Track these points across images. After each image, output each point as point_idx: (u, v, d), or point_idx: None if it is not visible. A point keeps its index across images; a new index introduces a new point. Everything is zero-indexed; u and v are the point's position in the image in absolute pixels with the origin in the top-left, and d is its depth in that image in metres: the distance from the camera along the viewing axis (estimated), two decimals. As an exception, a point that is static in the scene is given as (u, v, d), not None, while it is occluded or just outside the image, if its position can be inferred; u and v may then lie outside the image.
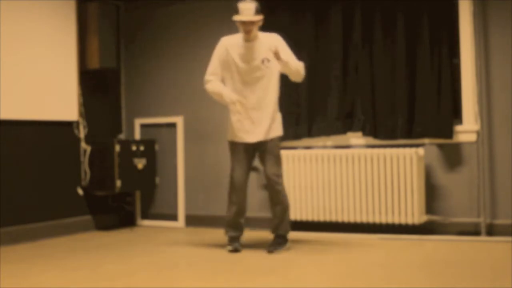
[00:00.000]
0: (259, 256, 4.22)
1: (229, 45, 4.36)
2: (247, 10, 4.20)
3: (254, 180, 5.46)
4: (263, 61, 4.28)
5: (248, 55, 4.30)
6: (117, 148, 5.49)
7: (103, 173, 5.54)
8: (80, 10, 5.59)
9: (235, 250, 4.40)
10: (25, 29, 5.12)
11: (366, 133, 5.02)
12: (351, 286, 3.33)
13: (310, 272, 3.71)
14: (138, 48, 6.08)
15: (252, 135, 4.33)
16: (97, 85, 5.87)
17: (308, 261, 3.99)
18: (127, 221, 5.99)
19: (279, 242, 4.41)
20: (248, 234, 5.17)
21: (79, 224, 5.57)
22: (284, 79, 4.44)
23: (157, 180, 5.93)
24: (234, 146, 4.40)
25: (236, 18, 4.22)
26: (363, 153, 4.87)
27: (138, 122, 6.07)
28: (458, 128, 4.74)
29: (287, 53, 4.30)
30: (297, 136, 5.23)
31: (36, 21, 5.22)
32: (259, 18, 4.24)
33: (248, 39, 4.29)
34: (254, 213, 5.41)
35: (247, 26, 4.23)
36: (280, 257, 4.18)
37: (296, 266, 3.87)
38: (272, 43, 4.24)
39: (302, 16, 5.21)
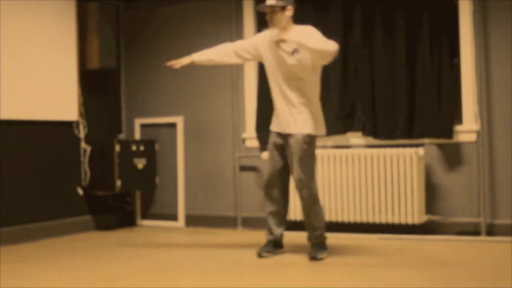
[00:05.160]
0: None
1: (263, 38, 4.06)
2: None
3: (254, 180, 5.46)
4: (292, 53, 3.90)
5: (276, 49, 3.95)
6: (117, 148, 5.49)
7: (103, 173, 5.54)
8: (80, 10, 5.59)
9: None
10: (25, 29, 5.12)
11: (366, 133, 5.01)
12: (351, 286, 3.33)
13: (310, 272, 3.71)
14: (138, 48, 6.07)
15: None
16: (97, 85, 5.87)
17: (307, 261, 3.98)
18: (127, 221, 5.98)
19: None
20: (248, 234, 5.17)
21: (79, 224, 5.57)
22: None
23: (157, 180, 5.93)
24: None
25: (258, 7, 3.96)
26: (363, 153, 4.87)
27: (138, 122, 6.07)
28: (458, 128, 4.74)
29: (311, 38, 3.82)
30: (297, 136, 5.23)
31: (36, 21, 5.21)
32: (281, 4, 3.86)
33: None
34: (254, 213, 5.41)
35: (267, 11, 3.89)
36: (280, 257, 4.17)
37: (295, 266, 3.87)
38: (298, 35, 3.82)
39: (302, 15, 5.19)
